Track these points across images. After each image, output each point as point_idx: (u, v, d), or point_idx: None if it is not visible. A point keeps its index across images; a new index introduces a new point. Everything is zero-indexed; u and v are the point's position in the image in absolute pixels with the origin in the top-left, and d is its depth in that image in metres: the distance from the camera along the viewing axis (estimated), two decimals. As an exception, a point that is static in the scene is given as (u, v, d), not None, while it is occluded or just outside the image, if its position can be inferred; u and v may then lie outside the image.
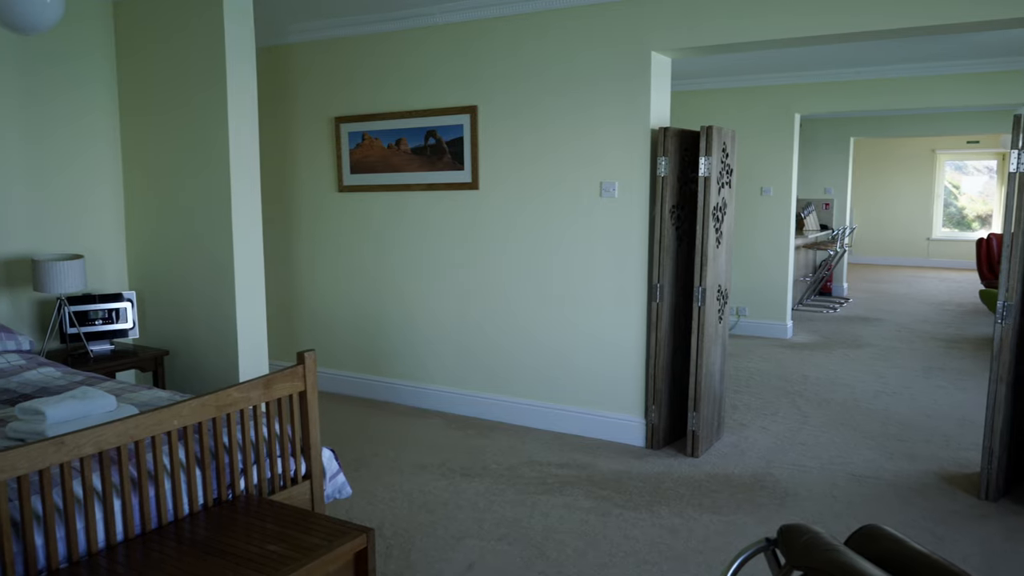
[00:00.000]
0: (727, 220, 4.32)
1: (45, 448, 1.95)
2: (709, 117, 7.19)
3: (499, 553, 3.13)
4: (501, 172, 4.69)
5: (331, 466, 2.91)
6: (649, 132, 4.20)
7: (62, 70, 4.24)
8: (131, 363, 4.13)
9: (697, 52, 4.22)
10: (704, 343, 4.17)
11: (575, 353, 4.56)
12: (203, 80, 4.06)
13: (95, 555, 2.10)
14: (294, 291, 5.63)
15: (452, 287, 4.95)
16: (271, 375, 2.59)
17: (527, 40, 4.49)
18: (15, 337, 3.63)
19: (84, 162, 4.37)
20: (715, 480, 3.89)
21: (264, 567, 2.03)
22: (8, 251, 4.07)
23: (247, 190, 4.13)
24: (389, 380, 5.27)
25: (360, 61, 5.10)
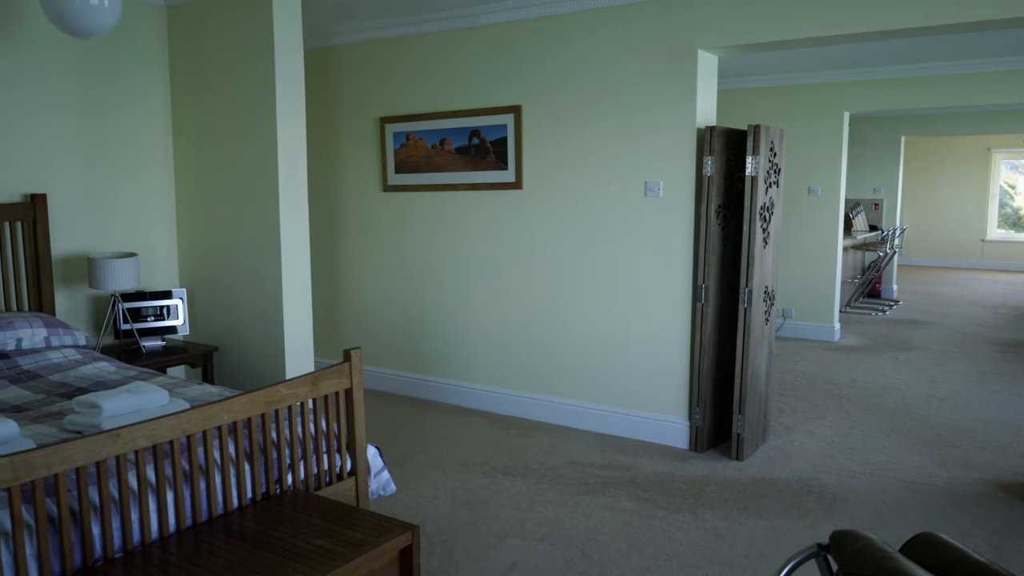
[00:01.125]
0: (774, 220, 4.25)
1: (102, 440, 2.01)
2: (756, 116, 7.09)
3: (541, 553, 3.12)
4: (545, 171, 4.68)
5: (376, 463, 2.94)
6: (695, 131, 4.16)
7: (118, 74, 4.35)
8: (182, 359, 4.23)
9: (744, 50, 4.17)
10: (750, 345, 4.11)
11: (618, 353, 4.54)
12: (252, 82, 4.13)
13: (149, 545, 2.15)
14: (339, 290, 5.69)
15: (495, 287, 4.96)
16: (318, 372, 2.62)
17: (572, 39, 4.48)
18: (72, 332, 3.73)
19: (138, 163, 4.48)
20: (760, 484, 3.83)
21: (311, 561, 2.05)
22: (66, 249, 4.19)
23: (294, 190, 4.20)
24: (432, 379, 5.31)
25: (405, 61, 5.14)
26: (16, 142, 3.95)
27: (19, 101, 3.95)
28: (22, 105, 3.96)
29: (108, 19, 3.27)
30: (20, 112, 3.95)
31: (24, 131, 3.98)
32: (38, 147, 4.04)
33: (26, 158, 3.99)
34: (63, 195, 4.16)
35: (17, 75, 3.93)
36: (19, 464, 1.83)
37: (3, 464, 1.80)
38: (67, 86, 4.14)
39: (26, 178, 4.00)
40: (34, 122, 4.01)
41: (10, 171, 3.93)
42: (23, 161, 3.98)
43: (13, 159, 3.94)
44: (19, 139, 3.96)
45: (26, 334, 3.54)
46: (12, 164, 3.94)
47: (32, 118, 4.00)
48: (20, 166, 3.97)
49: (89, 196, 4.28)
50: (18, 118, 3.95)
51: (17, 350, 3.51)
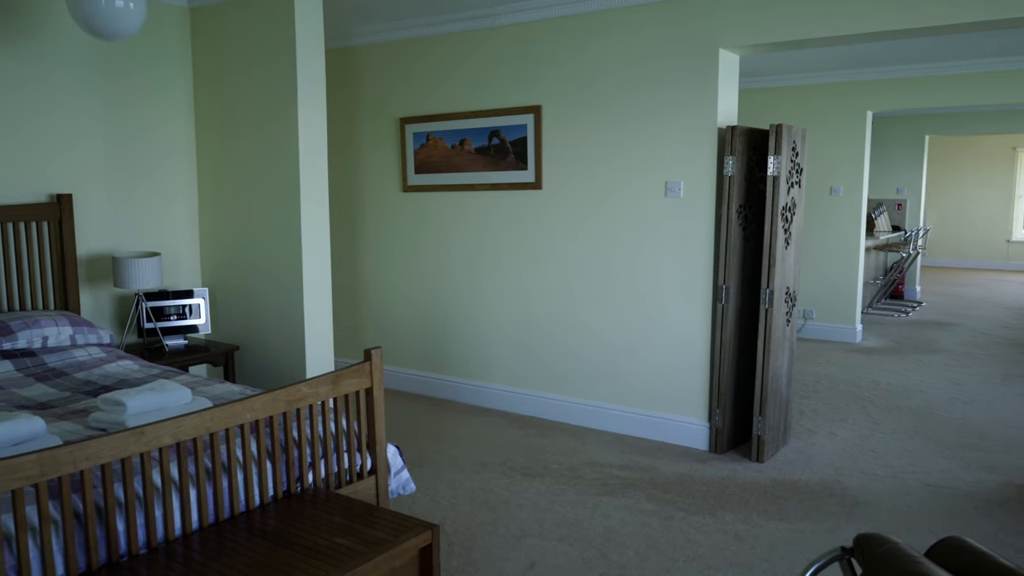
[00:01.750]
0: (796, 220, 4.22)
1: (127, 438, 2.03)
2: (777, 115, 7.04)
3: (560, 553, 3.12)
4: (565, 171, 4.68)
5: (396, 462, 2.95)
6: (716, 131, 4.13)
7: (142, 76, 4.40)
8: (204, 357, 4.26)
9: (766, 49, 4.14)
10: (771, 346, 4.09)
11: (638, 354, 4.52)
12: (274, 83, 4.16)
13: (172, 542, 2.17)
14: (358, 289, 5.72)
15: (515, 287, 4.96)
16: (339, 371, 2.63)
17: (592, 39, 4.47)
18: (96, 331, 3.78)
19: (161, 164, 4.53)
20: (781, 486, 3.80)
21: (332, 559, 2.07)
22: (91, 249, 4.24)
23: (315, 191, 4.22)
24: (451, 378, 5.32)
25: (425, 62, 5.15)
26: (43, 143, 4.01)
27: (47, 103, 4.00)
28: (49, 107, 4.01)
29: (133, 22, 3.31)
30: (47, 114, 4.01)
31: (51, 132, 4.03)
32: (64, 148, 4.10)
33: (53, 159, 4.05)
34: (88, 195, 4.21)
35: (44, 77, 3.98)
36: (46, 460, 1.85)
37: (31, 460, 1.83)
38: (93, 88, 4.19)
39: (52, 178, 4.06)
40: (61, 124, 4.07)
41: (37, 172, 3.99)
42: (50, 162, 4.04)
43: (40, 160, 4.00)
44: (46, 140, 4.02)
45: (52, 332, 3.59)
46: (39, 165, 3.99)
47: (59, 120, 4.06)
48: (47, 167, 4.03)
49: (113, 196, 4.33)
50: (45, 120, 4.01)
51: (43, 348, 3.56)
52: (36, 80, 3.95)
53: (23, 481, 1.81)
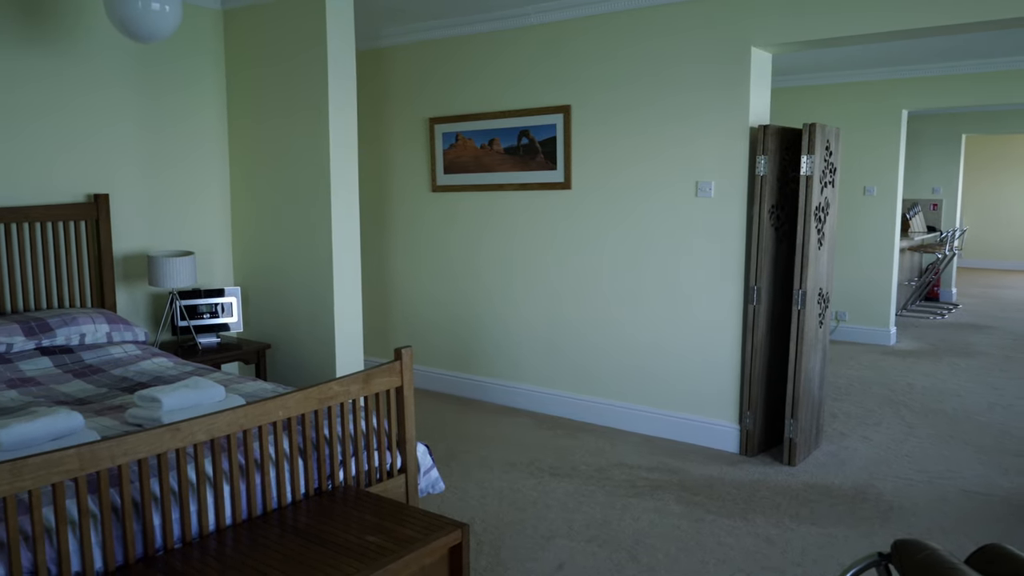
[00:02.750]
0: (829, 221, 4.17)
1: (163, 434, 2.06)
2: (810, 114, 6.96)
3: (589, 555, 3.11)
4: (594, 171, 4.66)
5: (425, 461, 2.96)
6: (748, 130, 4.09)
7: (176, 78, 4.46)
8: (236, 355, 4.32)
9: (799, 47, 4.09)
10: (803, 348, 4.04)
11: (667, 355, 4.49)
12: (305, 84, 4.20)
13: (206, 537, 2.20)
14: (388, 289, 5.75)
15: (543, 287, 4.95)
16: (370, 370, 2.65)
17: (622, 38, 4.45)
18: (132, 328, 3.84)
19: (195, 165, 4.59)
20: (813, 490, 3.76)
21: (363, 557, 2.08)
22: (127, 248, 4.31)
23: (346, 191, 4.25)
24: (479, 378, 5.32)
25: (454, 62, 5.17)
26: (81, 144, 4.08)
27: (84, 104, 4.08)
28: (87, 108, 4.09)
29: (169, 24, 3.36)
30: (85, 114, 4.09)
31: (89, 133, 4.11)
32: (101, 149, 4.17)
33: (90, 159, 4.13)
34: (124, 195, 4.28)
35: (82, 78, 4.06)
36: (85, 455, 1.89)
37: (70, 455, 1.86)
38: (128, 88, 4.26)
39: (90, 179, 4.13)
40: (98, 124, 4.14)
41: (76, 172, 4.07)
42: (88, 162, 4.11)
43: (79, 160, 4.07)
44: (84, 141, 4.09)
45: (89, 330, 3.66)
46: (78, 165, 4.07)
47: (96, 120, 4.13)
48: (85, 167, 4.10)
49: (149, 196, 4.40)
50: (84, 120, 4.08)
51: (81, 345, 3.63)
52: (75, 82, 4.03)
53: (63, 475, 1.85)
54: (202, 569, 2.02)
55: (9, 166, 3.82)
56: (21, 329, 3.47)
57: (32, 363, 3.41)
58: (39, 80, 3.89)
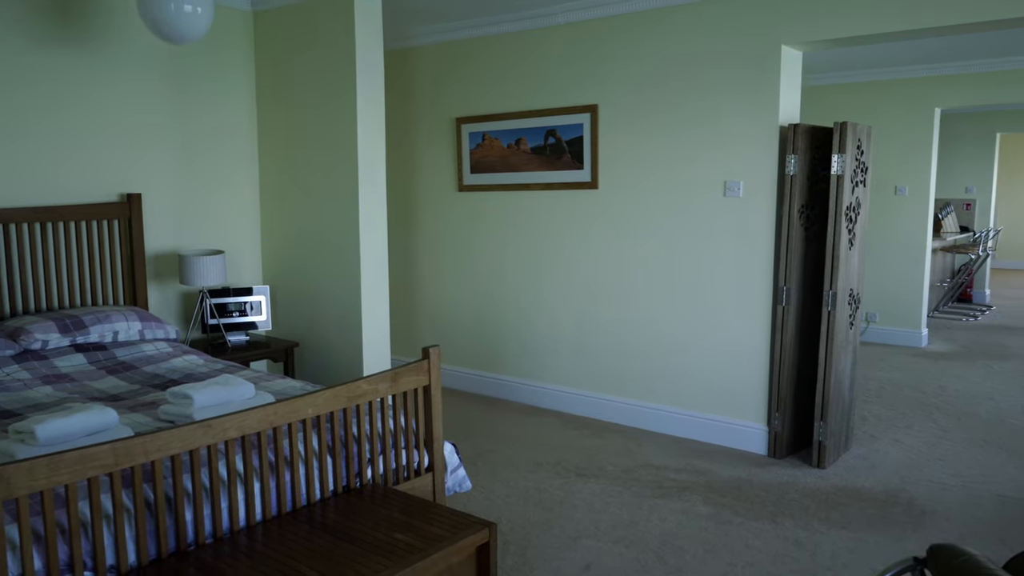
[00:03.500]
0: (860, 221, 4.11)
1: (195, 430, 2.08)
2: (841, 112, 6.88)
3: (616, 555, 3.10)
4: (621, 171, 4.64)
5: (452, 460, 2.97)
6: (777, 129, 4.05)
7: (207, 79, 4.51)
8: (264, 353, 4.36)
9: (830, 45, 4.04)
10: (833, 349, 3.99)
11: (695, 356, 4.46)
12: (334, 85, 4.23)
13: (236, 533, 2.22)
14: (414, 288, 5.78)
15: (570, 287, 4.94)
16: (397, 369, 2.66)
17: (649, 36, 4.43)
18: (163, 326, 3.89)
19: (225, 165, 4.64)
20: (843, 493, 3.71)
21: (391, 554, 2.09)
22: (159, 247, 4.37)
23: (374, 190, 4.28)
24: (505, 378, 5.33)
25: (481, 62, 5.17)
26: (115, 144, 4.15)
27: (118, 105, 4.14)
28: (121, 109, 4.15)
29: (200, 26, 3.40)
30: (119, 115, 4.15)
31: (122, 133, 4.17)
32: (134, 149, 4.23)
33: (123, 159, 4.19)
34: (156, 194, 4.35)
35: (116, 80, 4.12)
36: (120, 450, 1.92)
37: (105, 450, 1.89)
38: (160, 90, 4.32)
39: (123, 178, 4.20)
40: (131, 125, 4.21)
41: (109, 172, 4.13)
42: (120, 162, 4.18)
43: (112, 160, 4.14)
44: (117, 141, 4.15)
45: (122, 327, 3.71)
46: (111, 165, 4.13)
47: (129, 121, 4.20)
48: (117, 167, 4.17)
49: (180, 195, 4.46)
50: (117, 121, 4.14)
51: (114, 342, 3.68)
52: (108, 83, 4.09)
53: (99, 470, 1.88)
54: (233, 564, 2.04)
55: (44, 166, 3.89)
56: (56, 326, 3.53)
57: (67, 360, 3.47)
58: (74, 80, 3.96)
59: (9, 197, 3.77)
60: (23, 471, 1.74)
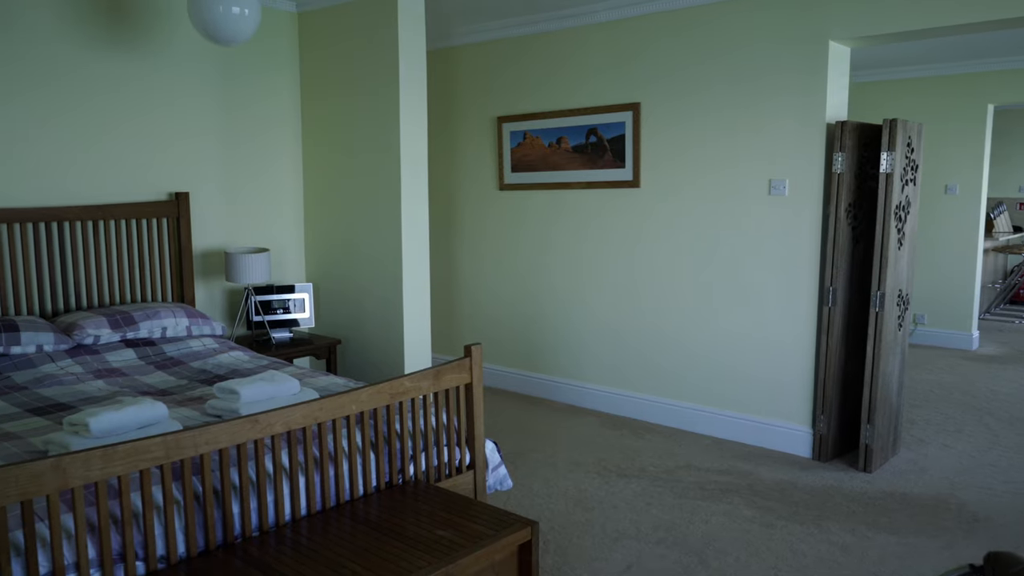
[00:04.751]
0: (910, 220, 4.02)
1: (242, 425, 2.12)
2: (890, 109, 6.74)
3: (658, 557, 3.07)
4: (664, 169, 4.60)
5: (493, 458, 2.97)
6: (824, 127, 3.98)
7: (253, 79, 4.59)
8: (307, 350, 4.41)
9: (880, 40, 3.95)
10: (881, 351, 3.90)
11: (738, 357, 4.41)
12: (377, 85, 4.27)
13: (282, 526, 2.25)
14: (454, 286, 5.80)
15: (611, 286, 4.92)
16: (440, 367, 2.67)
17: (693, 33, 4.38)
18: (210, 323, 3.96)
19: (270, 163, 4.71)
20: (891, 498, 3.63)
21: (434, 551, 2.10)
22: (206, 244, 4.46)
23: (416, 189, 4.31)
24: (544, 376, 5.32)
25: (523, 61, 5.17)
26: (163, 144, 4.23)
27: (167, 106, 4.23)
28: (170, 110, 4.24)
29: (248, 27, 3.45)
30: (168, 116, 4.24)
31: (171, 133, 4.26)
32: (182, 148, 4.32)
33: (172, 159, 4.28)
34: (203, 193, 4.43)
35: (165, 81, 4.20)
36: (171, 444, 1.95)
37: (156, 443, 1.93)
38: (208, 91, 4.40)
39: (172, 177, 4.29)
40: (179, 125, 4.29)
41: (159, 171, 4.22)
42: (169, 162, 4.26)
43: (162, 160, 4.23)
44: (166, 141, 4.24)
45: (170, 323, 3.79)
46: (161, 165, 4.22)
47: (178, 122, 4.28)
48: (166, 166, 4.26)
49: (226, 194, 4.54)
50: (166, 122, 4.23)
51: (162, 338, 3.76)
52: (158, 83, 4.18)
53: (150, 462, 1.92)
54: (278, 557, 2.07)
55: (97, 166, 3.99)
56: (108, 322, 3.61)
57: (117, 355, 3.55)
58: (126, 83, 4.05)
59: (62, 196, 3.87)
60: (79, 462, 1.79)
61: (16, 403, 2.90)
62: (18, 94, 3.69)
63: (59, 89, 3.82)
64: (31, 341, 3.36)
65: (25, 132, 3.73)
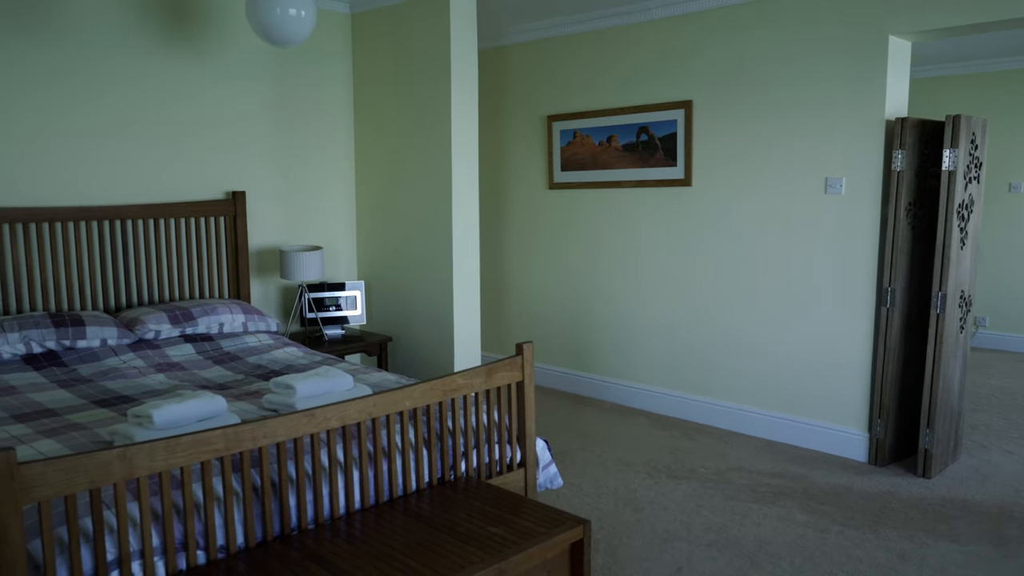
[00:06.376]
0: (973, 219, 3.90)
1: (300, 419, 2.16)
2: (952, 105, 6.55)
3: (709, 559, 3.03)
4: (716, 167, 4.55)
5: (544, 456, 2.97)
6: (883, 123, 3.88)
7: (308, 79, 4.66)
8: (359, 347, 4.47)
9: (942, 34, 3.84)
10: (942, 354, 3.79)
11: (791, 358, 4.33)
12: (429, 84, 4.30)
13: (337, 519, 2.29)
14: (503, 285, 5.81)
15: (661, 285, 4.88)
16: (492, 364, 2.68)
17: (747, 29, 4.31)
18: (265, 319, 4.04)
19: (324, 163, 4.79)
20: (952, 505, 3.53)
21: (487, 547, 2.11)
22: (261, 243, 4.55)
23: (466, 188, 4.33)
24: (594, 376, 5.30)
25: (573, 59, 5.16)
26: (221, 144, 4.33)
27: (225, 107, 4.32)
28: (227, 111, 4.34)
29: (305, 29, 3.51)
30: (226, 117, 4.33)
31: (228, 134, 4.36)
32: (239, 148, 4.41)
33: (229, 158, 4.37)
34: (259, 192, 4.52)
35: (223, 82, 4.30)
36: (231, 436, 2.00)
37: (217, 435, 1.98)
38: (263, 92, 4.49)
39: (229, 177, 4.38)
40: (236, 126, 4.39)
41: (216, 170, 4.32)
42: (227, 161, 4.36)
43: (219, 159, 4.33)
44: (224, 141, 4.34)
45: (227, 319, 3.88)
46: (218, 164, 4.33)
47: (235, 122, 4.38)
48: (224, 166, 4.36)
49: (281, 193, 4.62)
50: (224, 122, 4.33)
51: (220, 334, 3.85)
52: (216, 85, 4.28)
53: (211, 454, 1.97)
54: (333, 550, 2.10)
55: (156, 164, 4.10)
56: (168, 317, 3.72)
57: (177, 349, 3.65)
58: (184, 85, 4.16)
59: (124, 194, 3.99)
60: (144, 453, 1.84)
61: (82, 395, 3.00)
62: (87, 101, 3.82)
63: (124, 94, 3.94)
64: (96, 335, 3.47)
65: (92, 135, 3.85)
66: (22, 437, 2.48)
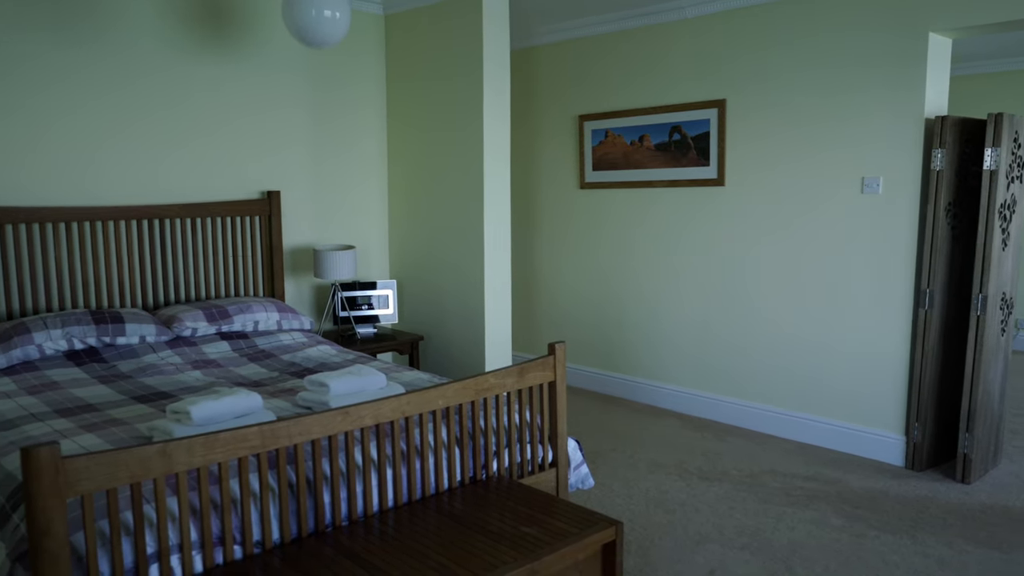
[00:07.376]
0: (1016, 220, 3.82)
1: (334, 417, 2.18)
2: (990, 103, 6.41)
3: (742, 563, 3.01)
4: (750, 167, 4.50)
5: (575, 456, 2.96)
6: (922, 122, 3.82)
7: (342, 80, 4.70)
8: (391, 346, 4.50)
9: (984, 31, 3.76)
10: (982, 357, 3.72)
11: (825, 359, 4.27)
12: (461, 84, 4.31)
13: (370, 517, 2.31)
14: (534, 285, 5.81)
15: (694, 286, 4.84)
16: (524, 364, 2.68)
17: (781, 27, 4.27)
18: (299, 317, 4.09)
19: (356, 164, 4.83)
20: (992, 511, 3.45)
21: (519, 546, 2.11)
22: (296, 242, 4.60)
23: (498, 188, 4.34)
24: (624, 376, 5.28)
25: (605, 59, 5.14)
26: (258, 145, 4.39)
27: (261, 108, 4.38)
28: (263, 112, 4.39)
29: (339, 30, 3.55)
30: (261, 118, 4.39)
31: (265, 134, 4.41)
32: (274, 149, 4.47)
33: (265, 158, 4.43)
34: (293, 192, 4.57)
35: (260, 85, 4.36)
36: (267, 433, 2.03)
37: (254, 432, 2.00)
38: (298, 93, 4.53)
39: (264, 176, 4.44)
40: (273, 127, 4.44)
41: (252, 170, 4.38)
42: (262, 161, 4.42)
43: (255, 160, 4.38)
44: (261, 142, 4.40)
45: (262, 317, 3.93)
46: (254, 164, 4.38)
47: (271, 123, 4.43)
48: (260, 166, 4.41)
49: (315, 193, 4.67)
50: (261, 123, 4.39)
51: (254, 331, 3.90)
52: (252, 86, 4.33)
53: (248, 450, 1.99)
54: (366, 547, 2.12)
55: (194, 165, 4.17)
56: (204, 315, 3.77)
57: (213, 347, 3.70)
58: (221, 85, 4.22)
59: (163, 194, 4.06)
60: (183, 448, 1.87)
61: (121, 391, 3.06)
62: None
63: (160, 94, 4.01)
64: (135, 332, 3.54)
65: (129, 134, 3.93)
66: (65, 432, 2.53)
